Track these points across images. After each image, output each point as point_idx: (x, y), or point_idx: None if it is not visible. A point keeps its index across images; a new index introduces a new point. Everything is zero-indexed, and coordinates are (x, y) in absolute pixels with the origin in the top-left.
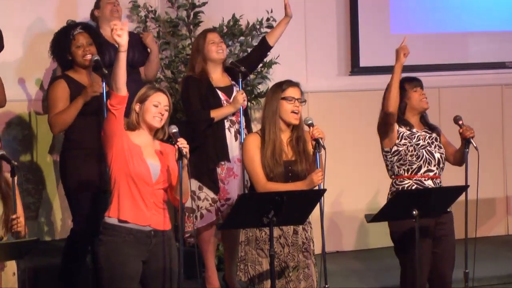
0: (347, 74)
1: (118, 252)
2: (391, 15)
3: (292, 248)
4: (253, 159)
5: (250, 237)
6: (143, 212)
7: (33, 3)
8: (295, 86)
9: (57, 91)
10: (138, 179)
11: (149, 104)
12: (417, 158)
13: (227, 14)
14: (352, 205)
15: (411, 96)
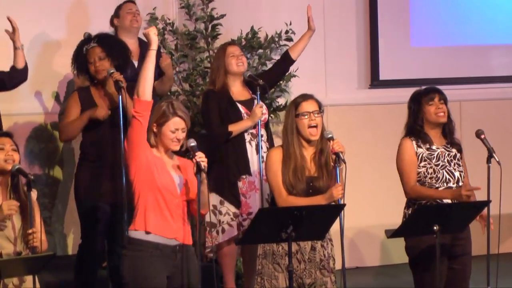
0: (366, 87)
1: (144, 267)
2: (411, 27)
3: (309, 264)
4: (276, 174)
5: (267, 251)
6: (170, 224)
7: (46, 15)
8: (308, 99)
9: (69, 102)
10: (164, 190)
11: (166, 130)
12: (437, 180)
13: (245, 27)
14: (373, 219)
15: (426, 111)
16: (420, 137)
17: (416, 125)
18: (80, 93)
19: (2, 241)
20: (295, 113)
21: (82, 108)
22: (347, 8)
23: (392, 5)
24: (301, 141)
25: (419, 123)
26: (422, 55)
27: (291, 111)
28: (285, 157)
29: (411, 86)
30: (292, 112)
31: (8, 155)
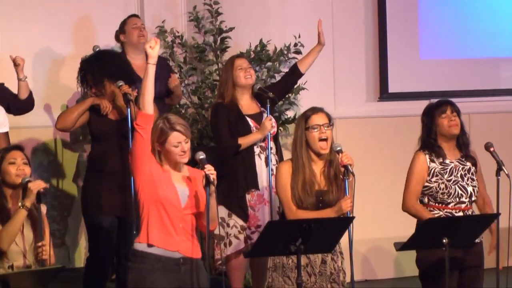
0: (375, 100)
1: (147, 280)
2: (420, 40)
3: (320, 278)
4: (285, 188)
5: (278, 264)
6: (172, 237)
7: (54, 29)
8: (318, 112)
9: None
10: (167, 203)
11: (169, 146)
12: (449, 196)
13: (254, 40)
14: (382, 232)
15: (439, 123)
16: (434, 151)
17: (429, 138)
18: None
19: (13, 253)
20: (305, 126)
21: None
22: (356, 21)
23: (401, 18)
24: (311, 154)
25: (432, 136)
26: (431, 67)
27: (301, 124)
28: (294, 171)
29: (420, 99)
30: (302, 125)
31: (20, 169)
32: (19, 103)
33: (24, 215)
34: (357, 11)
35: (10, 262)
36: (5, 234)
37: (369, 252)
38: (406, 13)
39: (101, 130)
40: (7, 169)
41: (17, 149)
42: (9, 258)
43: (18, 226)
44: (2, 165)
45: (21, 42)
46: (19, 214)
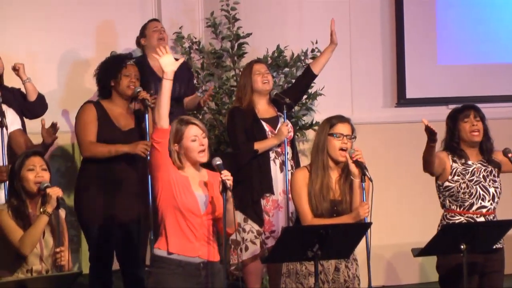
0: (393, 106)
1: (167, 284)
2: (438, 46)
3: (333, 285)
4: (301, 195)
5: (291, 270)
6: (192, 243)
7: (75, 34)
8: (344, 122)
9: (86, 115)
10: (186, 211)
11: (187, 142)
12: (470, 196)
13: (271, 45)
14: (399, 238)
15: (461, 128)
16: (456, 153)
17: (452, 142)
18: (96, 107)
19: (31, 257)
20: (328, 131)
21: (98, 125)
22: (374, 26)
23: (418, 23)
24: (329, 160)
25: (455, 140)
26: (448, 73)
27: (325, 129)
28: (312, 175)
29: (438, 104)
30: (325, 131)
31: (38, 176)
32: (30, 105)
33: (46, 220)
34: (375, 17)
35: (29, 266)
36: (27, 240)
37: (393, 258)
38: (423, 18)
39: (108, 137)
40: (26, 176)
41: (36, 154)
42: (28, 262)
43: (40, 231)
44: (21, 171)
45: (42, 48)
46: (40, 219)
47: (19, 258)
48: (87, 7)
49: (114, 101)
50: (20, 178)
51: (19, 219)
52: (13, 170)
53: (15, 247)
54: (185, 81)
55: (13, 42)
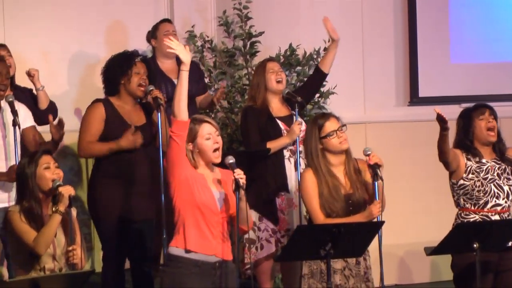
0: (405, 105)
1: (183, 284)
2: (451, 44)
3: (356, 279)
4: (311, 197)
5: (315, 270)
6: (210, 241)
7: (86, 34)
8: (330, 118)
9: (93, 114)
10: (204, 208)
11: (201, 140)
12: (485, 194)
13: (284, 44)
14: (411, 237)
15: (477, 125)
16: (470, 152)
17: (466, 140)
18: (105, 105)
19: (45, 257)
20: (319, 135)
21: (108, 123)
22: (386, 25)
23: (431, 22)
24: (329, 160)
25: (469, 138)
26: (462, 72)
27: (314, 133)
28: (318, 180)
29: (451, 103)
30: (315, 135)
31: (55, 173)
32: (40, 113)
33: (59, 219)
34: (387, 15)
35: (42, 264)
36: (41, 240)
37: (405, 256)
38: (436, 17)
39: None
40: (43, 174)
41: (46, 153)
42: (41, 261)
43: (53, 230)
44: (37, 170)
45: (54, 47)
46: (54, 218)
47: (33, 257)
48: (99, 7)
49: (122, 98)
50: (36, 177)
51: (31, 219)
52: (23, 171)
53: (30, 247)
54: (195, 80)
55: (25, 41)
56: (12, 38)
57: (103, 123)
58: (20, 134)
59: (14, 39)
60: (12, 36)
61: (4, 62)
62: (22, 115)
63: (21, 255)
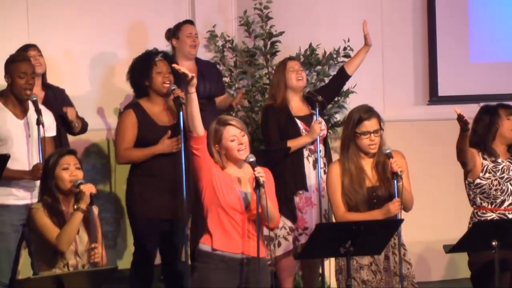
0: (425, 103)
1: (210, 279)
2: (470, 43)
3: (385, 274)
4: (335, 189)
5: (343, 266)
6: (235, 240)
7: (108, 34)
8: (371, 118)
9: (125, 121)
10: (229, 208)
11: (226, 142)
12: (502, 193)
13: (304, 44)
14: (430, 235)
15: (503, 124)
16: (486, 150)
17: (485, 137)
18: (135, 111)
19: (68, 253)
20: (355, 129)
21: (140, 127)
22: (406, 23)
23: (451, 21)
24: (359, 153)
25: (491, 135)
26: (481, 70)
27: (352, 125)
28: (343, 170)
29: (470, 102)
30: (352, 127)
31: (73, 175)
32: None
33: (80, 217)
34: (407, 14)
35: (66, 261)
36: (64, 236)
37: (423, 254)
38: (456, 15)
39: (151, 136)
40: (61, 175)
41: (70, 153)
42: (65, 257)
43: (75, 228)
44: (56, 170)
45: (76, 47)
46: (75, 216)
47: (57, 253)
48: (121, 7)
49: (152, 99)
50: (54, 177)
51: (53, 217)
52: (47, 169)
53: (52, 244)
54: (214, 80)
55: (49, 41)
56: (36, 38)
57: (136, 128)
58: (44, 132)
59: (38, 39)
60: (36, 36)
61: (30, 62)
62: (47, 123)
63: (45, 252)
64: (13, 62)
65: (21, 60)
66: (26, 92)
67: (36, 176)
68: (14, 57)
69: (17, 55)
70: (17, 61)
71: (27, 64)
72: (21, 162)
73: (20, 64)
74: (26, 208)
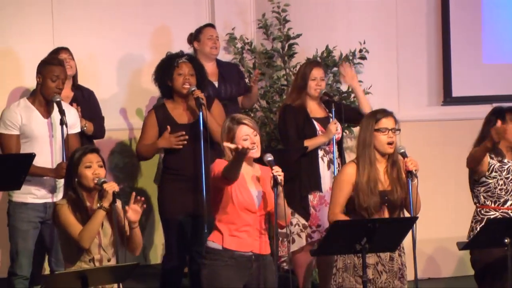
0: (439, 104)
1: (220, 275)
2: (483, 45)
3: (389, 274)
4: (342, 186)
5: (348, 264)
6: (245, 239)
7: (132, 37)
8: (389, 116)
9: (146, 122)
10: (242, 208)
11: (239, 141)
12: (506, 192)
13: (320, 46)
14: (444, 232)
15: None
16: (493, 150)
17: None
18: (157, 111)
19: (92, 247)
20: (374, 127)
21: (160, 126)
22: (420, 26)
23: (464, 23)
24: (376, 154)
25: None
26: (494, 72)
27: (370, 125)
28: (360, 170)
29: (483, 103)
30: (371, 126)
31: (95, 173)
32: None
33: (103, 215)
34: (421, 17)
35: (91, 255)
36: (87, 234)
37: (434, 252)
38: (469, 18)
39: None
40: (84, 173)
41: (93, 151)
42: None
43: (97, 226)
44: (79, 168)
45: (101, 49)
46: (98, 214)
47: (81, 248)
48: (144, 11)
49: (176, 100)
50: (77, 175)
51: (77, 213)
52: (71, 166)
53: (75, 240)
54: (235, 81)
55: (74, 44)
56: (61, 41)
57: (156, 127)
58: (67, 132)
59: (63, 42)
60: (61, 38)
61: (64, 68)
62: (71, 121)
63: (70, 247)
64: (48, 64)
65: (56, 64)
66: (54, 95)
67: (59, 174)
68: (50, 60)
69: (53, 59)
70: (52, 64)
71: (61, 69)
72: (45, 160)
73: (54, 67)
74: (45, 207)
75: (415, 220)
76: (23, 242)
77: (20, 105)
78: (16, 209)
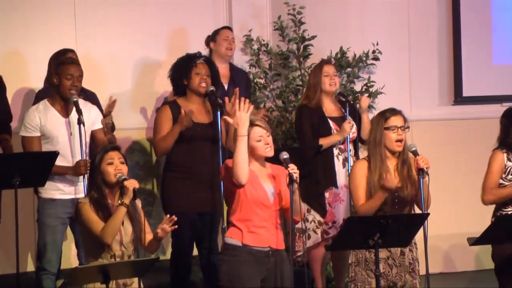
0: (450, 104)
1: (240, 271)
2: (493, 45)
3: (400, 268)
4: (359, 183)
5: (360, 259)
6: (263, 234)
7: (149, 38)
8: (397, 114)
9: (161, 116)
10: (257, 204)
11: (253, 142)
12: None
13: (335, 47)
14: (455, 228)
15: None
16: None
17: (508, 138)
18: (171, 106)
19: (113, 244)
20: (384, 126)
21: (174, 119)
22: (431, 27)
23: (474, 25)
24: (386, 152)
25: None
26: (503, 72)
27: (380, 123)
28: (370, 168)
29: (493, 103)
30: (381, 125)
31: (117, 169)
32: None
33: (124, 211)
34: (432, 18)
35: (113, 252)
36: (108, 230)
37: (442, 246)
38: (479, 20)
39: (185, 132)
40: (106, 169)
41: (114, 149)
42: (111, 248)
43: (119, 222)
44: (101, 165)
45: (119, 50)
46: (119, 210)
47: (103, 245)
48: (162, 13)
49: (189, 98)
50: (100, 172)
51: (99, 210)
52: (94, 165)
53: (97, 237)
54: (242, 88)
55: (94, 45)
56: (83, 42)
57: (171, 122)
58: (84, 131)
59: (85, 43)
60: (83, 40)
61: (79, 66)
62: (93, 117)
63: (92, 243)
64: (63, 64)
65: (70, 63)
66: (70, 92)
67: (78, 172)
68: (64, 60)
69: (67, 58)
70: (66, 64)
71: (75, 67)
72: (64, 159)
73: (69, 66)
74: (72, 202)
75: (426, 216)
76: (52, 238)
77: (39, 106)
78: (44, 205)
